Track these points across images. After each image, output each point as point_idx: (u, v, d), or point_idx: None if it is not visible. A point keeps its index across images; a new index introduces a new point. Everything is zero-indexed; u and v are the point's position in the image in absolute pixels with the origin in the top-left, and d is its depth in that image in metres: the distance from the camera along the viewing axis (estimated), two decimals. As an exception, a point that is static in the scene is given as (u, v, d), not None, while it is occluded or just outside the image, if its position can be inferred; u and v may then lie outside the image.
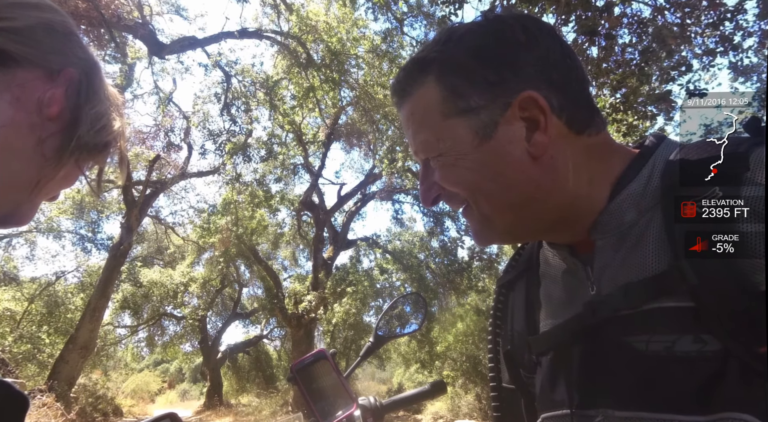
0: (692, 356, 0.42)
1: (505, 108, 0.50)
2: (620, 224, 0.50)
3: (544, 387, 0.56)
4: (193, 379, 24.86)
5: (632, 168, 0.52)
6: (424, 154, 0.54)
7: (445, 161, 0.52)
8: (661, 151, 0.52)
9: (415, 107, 0.54)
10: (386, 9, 8.93)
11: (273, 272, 14.23)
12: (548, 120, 0.49)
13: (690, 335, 0.42)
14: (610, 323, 0.48)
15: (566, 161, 0.51)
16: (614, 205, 0.50)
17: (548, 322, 0.58)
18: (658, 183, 0.49)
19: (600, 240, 0.52)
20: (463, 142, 0.51)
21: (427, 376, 13.36)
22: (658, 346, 0.43)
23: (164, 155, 13.61)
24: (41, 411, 7.54)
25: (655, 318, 0.44)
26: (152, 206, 14.19)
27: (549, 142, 0.50)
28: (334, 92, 10.88)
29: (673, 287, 0.44)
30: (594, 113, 0.53)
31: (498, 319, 0.67)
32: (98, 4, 8.55)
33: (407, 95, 0.55)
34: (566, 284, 0.57)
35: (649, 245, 0.47)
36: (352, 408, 0.77)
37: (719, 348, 0.41)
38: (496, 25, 0.53)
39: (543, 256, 0.63)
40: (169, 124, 13.60)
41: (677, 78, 4.76)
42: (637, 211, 0.49)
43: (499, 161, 0.50)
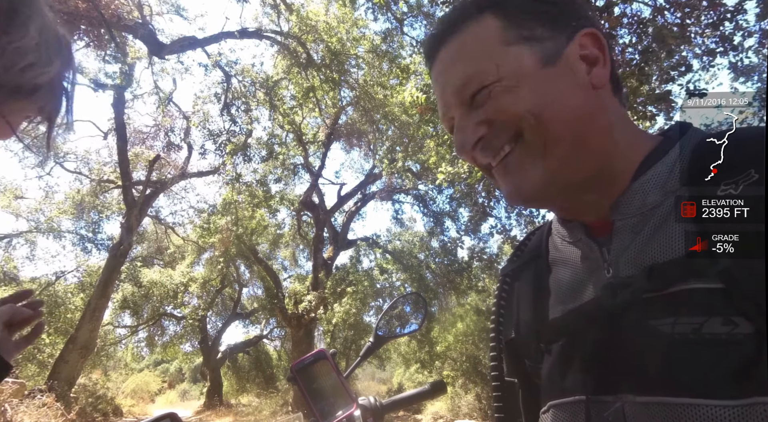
0: (722, 338, 0.40)
1: (568, 42, 0.51)
2: (642, 205, 0.49)
3: (554, 374, 0.54)
4: (193, 379, 24.86)
5: (660, 149, 0.51)
6: (478, 83, 0.51)
7: (506, 84, 0.50)
8: (689, 136, 0.51)
9: (468, 38, 0.53)
10: (386, 9, 8.93)
11: (273, 272, 14.23)
12: (606, 56, 0.51)
13: (720, 317, 0.40)
14: (631, 306, 0.46)
15: (614, 110, 0.52)
16: (638, 184, 0.50)
17: (559, 308, 0.56)
18: (686, 166, 0.48)
19: (619, 221, 0.51)
20: (525, 66, 0.50)
21: (427, 376, 13.36)
22: (684, 328, 0.42)
23: (164, 155, 13.61)
24: (41, 411, 7.54)
25: (681, 299, 0.43)
26: (152, 206, 14.19)
27: (608, 76, 0.51)
28: (334, 92, 10.89)
29: (701, 269, 0.42)
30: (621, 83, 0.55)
31: (502, 308, 0.66)
32: (98, 4, 8.55)
33: (456, 32, 0.53)
34: (578, 269, 0.55)
35: (674, 227, 0.46)
36: (352, 408, 0.77)
37: (752, 331, 0.39)
38: None
39: (552, 243, 0.61)
40: (169, 124, 13.61)
41: (677, 78, 4.76)
42: (663, 193, 0.48)
43: (563, 85, 0.50)
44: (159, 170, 13.81)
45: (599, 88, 0.50)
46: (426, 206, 14.06)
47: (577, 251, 0.56)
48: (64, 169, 14.61)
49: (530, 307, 0.60)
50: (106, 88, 11.85)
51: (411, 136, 10.44)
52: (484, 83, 0.51)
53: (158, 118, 13.42)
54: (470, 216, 9.30)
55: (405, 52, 10.19)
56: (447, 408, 11.18)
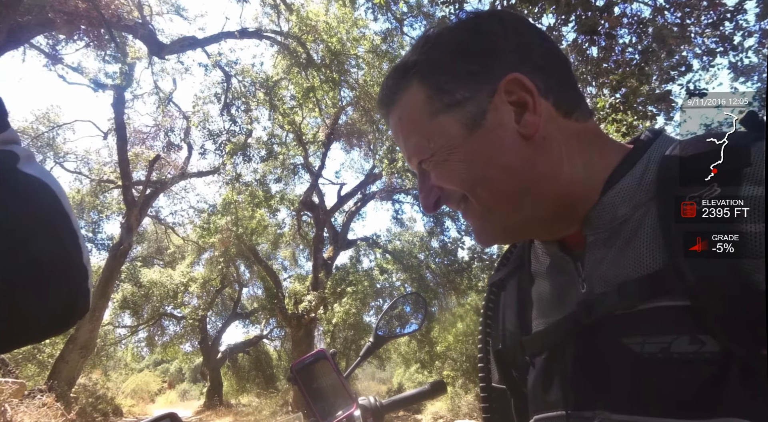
0: (689, 357, 0.40)
1: (491, 95, 0.49)
2: (613, 218, 0.49)
3: (537, 387, 0.55)
4: (193, 379, 24.85)
5: (627, 162, 0.50)
6: (417, 157, 0.53)
7: (438, 159, 0.51)
8: (657, 145, 0.51)
9: (402, 112, 0.54)
10: (386, 9, 8.93)
11: (273, 272, 14.23)
12: (536, 100, 0.49)
13: (687, 335, 0.41)
14: (605, 323, 0.46)
15: (559, 143, 0.50)
16: (607, 199, 0.49)
17: (540, 321, 0.56)
18: (653, 178, 0.47)
19: (591, 236, 0.50)
20: (452, 136, 0.50)
21: (427, 376, 13.36)
22: (653, 348, 0.42)
23: (164, 155, 13.61)
24: (41, 411, 7.54)
25: (650, 317, 0.43)
26: (152, 206, 14.20)
27: (540, 122, 0.49)
28: (334, 92, 10.89)
29: (669, 286, 0.42)
30: (579, 97, 0.53)
31: (489, 318, 0.66)
32: (98, 4, 8.55)
33: (393, 103, 0.54)
34: (557, 282, 0.55)
35: (643, 242, 0.46)
36: (352, 408, 0.77)
37: (718, 350, 0.39)
38: (471, 20, 0.53)
39: (534, 253, 0.61)
40: (169, 124, 13.61)
41: (677, 78, 4.76)
42: (631, 205, 0.48)
43: (491, 146, 0.49)
44: (159, 170, 13.81)
45: (530, 137, 0.49)
46: (426, 206, 14.03)
47: (554, 264, 0.57)
48: (64, 169, 14.63)
49: (515, 318, 0.61)
50: (106, 88, 11.85)
51: (411, 136, 10.41)
52: (422, 158, 0.53)
53: (158, 118, 13.43)
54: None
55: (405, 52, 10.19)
56: (447, 408, 11.17)
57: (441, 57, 0.52)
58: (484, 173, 0.50)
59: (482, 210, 0.52)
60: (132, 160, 13.02)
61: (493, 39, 0.51)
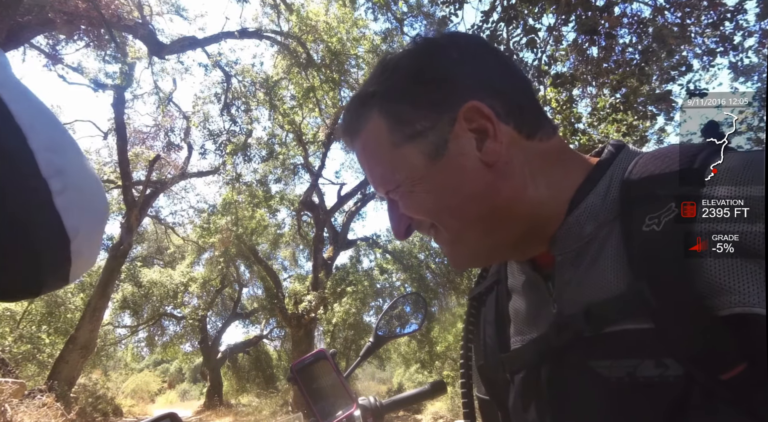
0: (654, 381, 0.40)
1: (452, 123, 0.49)
2: (579, 237, 0.49)
3: (517, 406, 0.55)
4: (193, 379, 24.86)
5: (590, 179, 0.50)
6: (383, 188, 0.53)
7: (403, 190, 0.51)
8: (619, 161, 0.51)
9: (365, 143, 0.53)
10: (386, 9, 8.93)
11: (273, 272, 14.23)
12: (496, 127, 0.49)
13: (652, 359, 0.41)
14: (575, 345, 0.47)
15: (522, 166, 0.50)
16: (572, 218, 0.49)
17: (517, 339, 0.57)
18: (616, 195, 0.48)
19: (559, 256, 0.51)
20: (416, 167, 0.50)
21: (427, 376, 13.36)
22: (620, 372, 0.42)
23: (164, 155, 13.62)
24: (41, 411, 7.55)
25: (617, 341, 0.43)
26: (152, 206, 14.19)
27: (501, 148, 0.49)
28: (334, 92, 10.89)
29: (634, 309, 0.42)
30: (542, 116, 0.53)
31: (470, 333, 0.66)
32: (98, 4, 8.55)
33: (356, 133, 0.54)
34: (531, 300, 0.56)
35: (607, 263, 0.46)
36: (352, 408, 0.77)
37: (681, 373, 0.39)
38: (425, 46, 0.53)
39: (510, 268, 0.62)
40: (169, 124, 13.62)
41: (677, 78, 4.77)
42: (596, 224, 0.48)
43: (454, 175, 0.49)
44: (159, 170, 13.81)
45: (493, 164, 0.49)
46: (426, 206, 14.05)
47: (527, 282, 0.57)
48: (64, 169, 14.59)
49: (495, 334, 0.61)
50: (106, 88, 11.86)
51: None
52: (388, 189, 0.53)
53: (158, 118, 13.43)
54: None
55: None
56: (447, 408, 11.18)
57: (399, 86, 0.51)
58: (449, 202, 0.50)
59: (452, 237, 0.52)
60: (132, 160, 13.03)
61: (449, 66, 0.51)
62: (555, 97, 5.15)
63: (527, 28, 4.52)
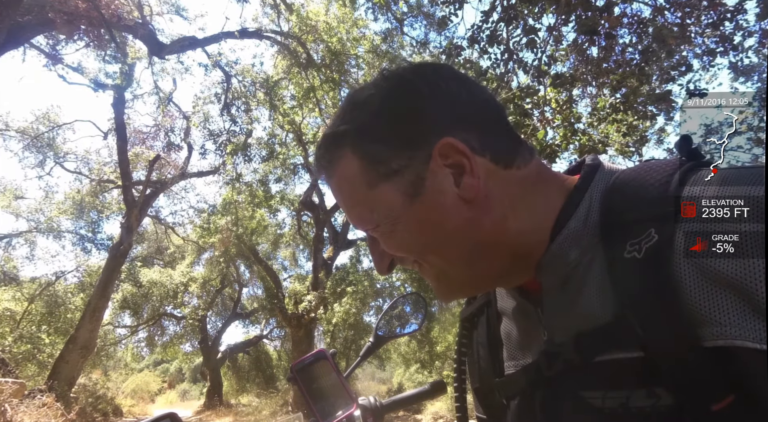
0: (647, 411, 0.40)
1: (427, 161, 0.48)
2: (565, 264, 0.48)
3: None
4: (193, 379, 24.86)
5: (570, 203, 0.50)
6: (362, 227, 0.53)
7: (384, 229, 0.50)
8: (597, 182, 0.50)
9: (340, 182, 0.52)
10: (386, 9, 8.93)
11: (273, 272, 14.24)
12: (472, 161, 0.48)
13: (643, 389, 0.41)
14: (567, 374, 0.46)
15: (502, 198, 0.49)
16: (555, 245, 0.48)
17: (511, 364, 0.57)
18: (596, 219, 0.47)
19: (546, 283, 0.50)
20: (394, 207, 0.49)
21: (427, 376, 13.36)
22: (613, 402, 0.42)
23: (164, 155, 13.62)
24: (41, 411, 7.55)
25: (608, 370, 0.43)
26: (152, 206, 14.20)
27: (479, 183, 0.48)
28: (334, 92, 10.89)
29: (621, 339, 0.42)
30: (517, 143, 0.52)
31: (463, 355, 0.66)
32: (98, 4, 8.55)
33: (331, 171, 0.53)
34: (521, 325, 0.56)
35: (593, 290, 0.45)
36: (352, 408, 0.77)
37: (672, 403, 0.39)
38: (395, 82, 0.52)
39: (499, 291, 0.61)
40: (169, 124, 13.62)
41: (677, 78, 4.76)
42: (580, 249, 0.47)
43: (434, 213, 0.49)
44: (159, 170, 13.81)
45: (472, 200, 0.48)
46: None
47: (516, 307, 0.57)
48: (64, 169, 14.64)
49: (488, 357, 0.61)
50: (106, 88, 11.86)
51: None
52: (367, 228, 0.53)
53: (158, 118, 13.44)
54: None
55: (405, 53, 10.20)
56: (447, 408, 11.17)
57: (370, 124, 0.50)
58: (431, 240, 0.50)
59: (436, 272, 0.52)
60: (132, 160, 13.03)
61: (420, 101, 0.50)
62: (555, 98, 5.15)
63: (527, 28, 4.52)
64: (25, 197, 15.60)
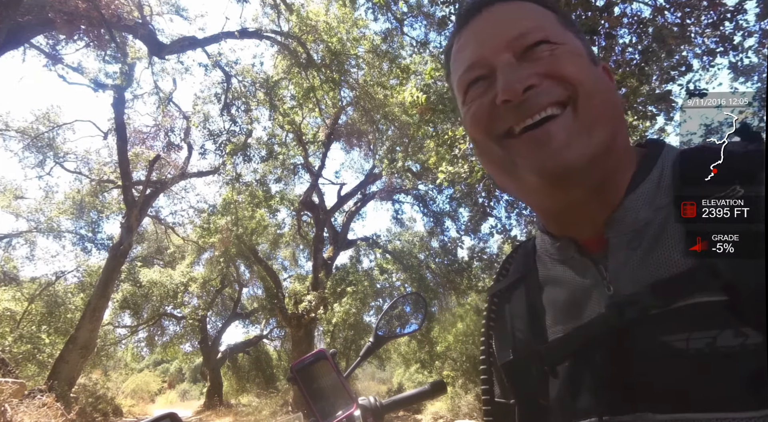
0: (735, 350, 0.41)
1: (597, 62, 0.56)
2: (635, 221, 0.50)
3: (563, 397, 0.52)
4: (193, 379, 24.85)
5: (643, 169, 0.53)
6: (541, 37, 0.51)
7: (570, 49, 0.52)
8: (666, 152, 0.54)
9: (526, 5, 0.56)
10: (386, 9, 8.93)
11: (273, 272, 14.23)
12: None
13: (730, 329, 0.41)
14: (640, 323, 0.46)
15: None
16: (629, 201, 0.51)
17: (558, 328, 0.55)
18: (669, 182, 0.50)
19: (614, 238, 0.51)
20: (576, 47, 0.54)
21: (427, 376, 13.36)
22: (699, 343, 0.42)
23: (164, 155, 13.61)
24: (41, 411, 7.54)
25: (691, 314, 0.43)
26: (152, 206, 14.19)
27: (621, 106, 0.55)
28: (334, 92, 10.89)
29: (705, 283, 0.43)
30: None
31: (491, 330, 0.65)
32: (98, 4, 8.55)
33: (507, 1, 0.56)
34: (574, 288, 0.54)
35: (672, 242, 0.47)
36: (352, 408, 0.77)
37: (761, 340, 0.40)
38: None
39: (540, 261, 0.61)
40: (169, 124, 13.61)
41: (677, 78, 4.75)
42: (652, 209, 0.50)
43: (605, 83, 0.54)
44: (159, 170, 13.81)
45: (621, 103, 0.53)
46: (426, 206, 14.07)
47: (569, 269, 0.56)
48: (64, 169, 14.63)
49: (527, 328, 0.59)
50: (106, 88, 11.85)
51: (411, 136, 10.43)
52: (550, 40, 0.51)
53: (158, 118, 13.43)
54: (470, 216, 9.29)
55: (405, 52, 10.19)
56: (447, 408, 11.17)
57: (566, 14, 0.58)
58: (601, 92, 0.51)
59: (580, 126, 0.48)
60: (132, 160, 13.03)
61: None
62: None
63: (527, 28, 4.50)
64: (25, 197, 15.60)
